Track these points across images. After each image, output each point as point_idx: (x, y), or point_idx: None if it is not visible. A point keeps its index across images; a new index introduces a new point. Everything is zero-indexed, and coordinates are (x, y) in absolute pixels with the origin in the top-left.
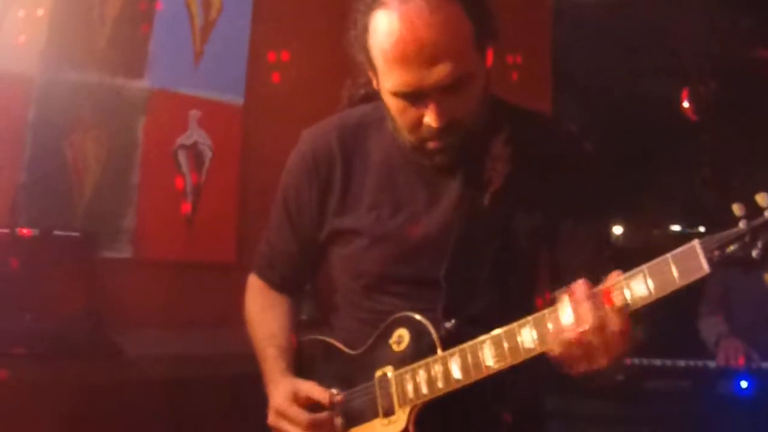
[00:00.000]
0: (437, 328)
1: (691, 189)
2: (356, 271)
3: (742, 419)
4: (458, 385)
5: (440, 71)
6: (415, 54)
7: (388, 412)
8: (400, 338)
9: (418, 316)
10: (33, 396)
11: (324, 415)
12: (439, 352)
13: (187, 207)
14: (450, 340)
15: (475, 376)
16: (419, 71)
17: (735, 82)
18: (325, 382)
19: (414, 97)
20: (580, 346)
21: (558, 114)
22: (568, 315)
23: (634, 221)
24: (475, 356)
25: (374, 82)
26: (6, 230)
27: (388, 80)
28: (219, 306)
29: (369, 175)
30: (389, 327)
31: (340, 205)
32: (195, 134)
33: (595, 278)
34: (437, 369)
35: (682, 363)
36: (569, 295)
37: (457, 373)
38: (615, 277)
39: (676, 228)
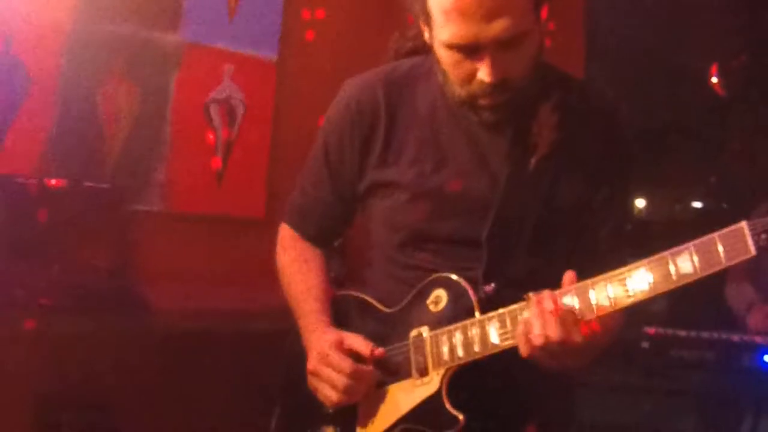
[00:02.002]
0: (476, 290)
1: (716, 165)
2: (394, 225)
3: (765, 392)
4: (495, 350)
5: (499, 26)
6: (476, 7)
7: (422, 373)
8: (438, 299)
9: (457, 278)
10: (58, 347)
11: (367, 367)
12: (477, 315)
13: (217, 162)
14: (488, 304)
15: (513, 342)
16: (478, 24)
17: (765, 57)
18: None
19: (469, 50)
20: (546, 350)
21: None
22: (535, 320)
23: (657, 195)
24: (514, 321)
25: (426, 35)
26: (35, 181)
27: (445, 32)
28: (247, 261)
29: (413, 129)
30: (427, 287)
31: (382, 157)
32: (228, 89)
33: (611, 251)
34: (474, 332)
35: (706, 334)
36: (535, 302)
37: (494, 337)
38: (570, 279)
39: (697, 204)
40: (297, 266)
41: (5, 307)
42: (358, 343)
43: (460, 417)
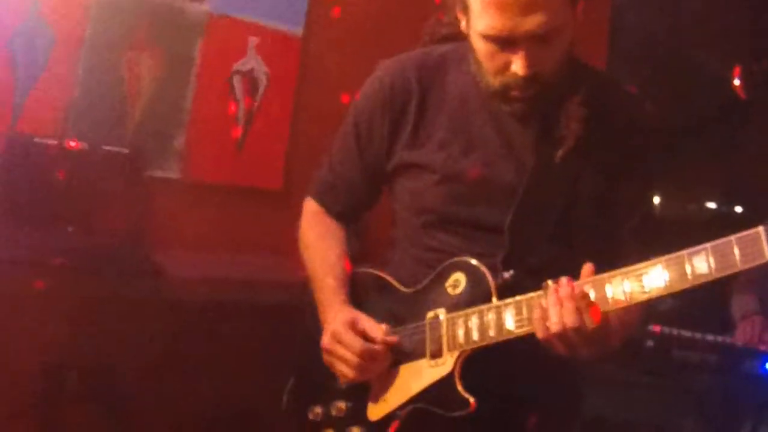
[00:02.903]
0: (495, 276)
1: (733, 168)
2: (420, 206)
3: (765, 399)
4: (509, 336)
5: (535, 20)
6: (513, 0)
7: (436, 354)
8: (457, 282)
9: (476, 263)
10: (68, 308)
11: (378, 347)
12: (495, 300)
13: (238, 132)
14: (506, 291)
15: (528, 330)
16: (514, 18)
17: None
18: (375, 316)
19: (504, 42)
20: (562, 337)
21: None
22: (551, 309)
23: (672, 192)
24: (531, 309)
25: (463, 24)
26: (55, 142)
27: (481, 22)
28: (262, 232)
29: (443, 113)
30: (446, 269)
31: (412, 139)
32: (252, 61)
33: (637, 247)
34: (490, 317)
35: (710, 337)
36: (553, 290)
37: (510, 323)
38: (589, 271)
39: (711, 205)
40: (319, 241)
41: (17, 266)
42: (371, 326)
43: (471, 400)
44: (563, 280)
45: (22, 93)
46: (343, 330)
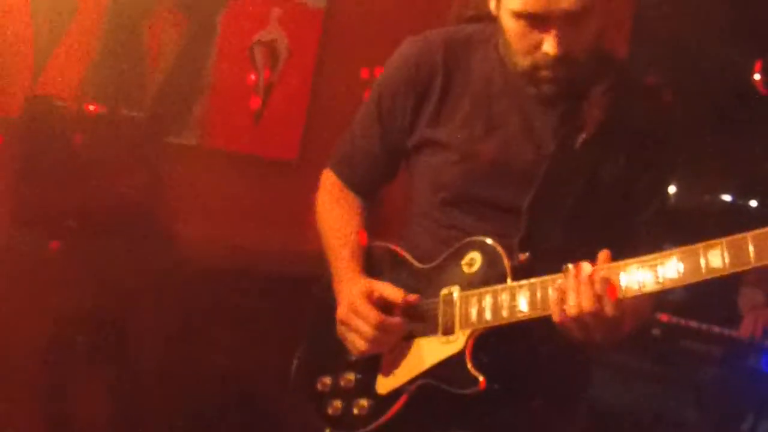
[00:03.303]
0: (511, 257)
1: (750, 161)
2: (438, 183)
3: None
4: (522, 318)
5: None
6: None
7: (448, 331)
8: (472, 261)
9: (493, 243)
10: (82, 269)
11: (394, 319)
12: (509, 281)
13: (256, 102)
14: (521, 272)
15: (541, 312)
16: None
17: None
18: None
19: (537, 21)
20: (578, 321)
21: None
22: (570, 291)
23: (688, 183)
24: (545, 292)
25: (492, 4)
26: (74, 105)
27: (515, 1)
28: (276, 202)
29: (467, 92)
30: (462, 248)
31: (434, 116)
32: (274, 32)
33: (650, 239)
34: (504, 298)
35: (717, 329)
36: (573, 275)
37: (523, 305)
38: (605, 258)
39: (727, 198)
40: (336, 213)
41: (32, 226)
42: (389, 290)
43: (481, 379)
44: (584, 263)
45: (44, 56)
46: (360, 301)
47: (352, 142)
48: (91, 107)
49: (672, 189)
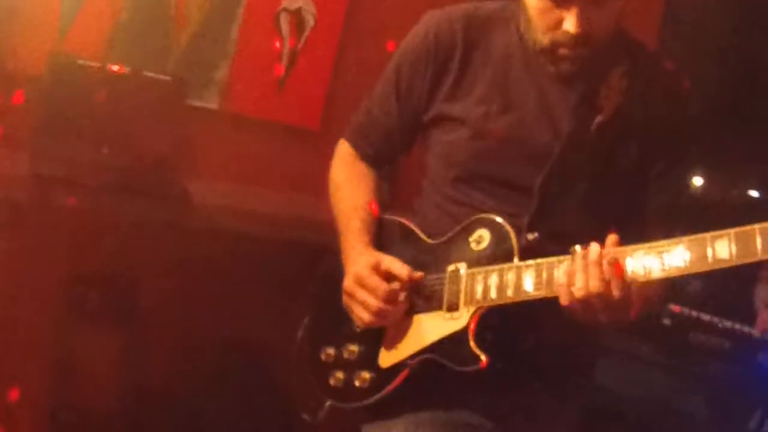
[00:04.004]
0: (519, 236)
1: None
2: (452, 159)
3: None
4: (527, 298)
5: None
6: None
7: (452, 308)
8: (480, 238)
9: (502, 221)
10: (95, 227)
11: (399, 293)
12: (516, 260)
13: (280, 70)
14: (529, 252)
15: (546, 293)
16: None
17: None
18: None
19: None
20: (585, 303)
21: (662, 51)
22: (578, 273)
23: (717, 177)
24: (550, 273)
25: None
26: (98, 64)
27: None
28: (295, 170)
29: (485, 70)
30: (471, 225)
31: (452, 92)
32: (301, 1)
33: (662, 227)
34: (510, 277)
35: (729, 324)
36: (582, 256)
37: (528, 285)
38: (613, 241)
39: (754, 193)
40: (348, 183)
41: (52, 181)
42: (396, 265)
43: (483, 357)
44: (593, 245)
45: (70, 15)
46: (367, 273)
47: (368, 113)
48: (115, 67)
49: (699, 181)
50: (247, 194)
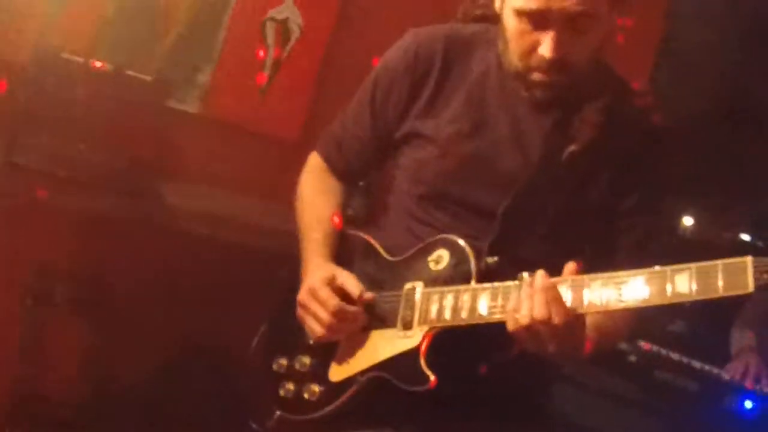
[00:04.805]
0: (479, 259)
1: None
2: (419, 177)
3: None
4: (480, 321)
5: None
6: None
7: (407, 326)
8: (440, 258)
9: (463, 243)
10: (67, 220)
11: (352, 308)
12: (473, 283)
13: (263, 78)
14: (487, 276)
15: (500, 318)
16: None
17: None
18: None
19: (538, 19)
20: (529, 331)
21: (654, 85)
22: (524, 301)
23: (708, 218)
24: (506, 298)
25: (498, 2)
26: (81, 59)
27: None
28: (271, 179)
29: (462, 90)
30: (432, 245)
31: (426, 109)
32: (288, 11)
33: (629, 261)
34: (465, 299)
35: (697, 364)
36: (528, 283)
37: (483, 308)
38: (571, 270)
39: (746, 237)
40: (315, 196)
41: (25, 171)
42: (350, 282)
43: (432, 377)
44: (539, 273)
45: (57, 7)
46: (320, 286)
47: (342, 127)
48: (98, 64)
49: (689, 221)
50: (221, 199)
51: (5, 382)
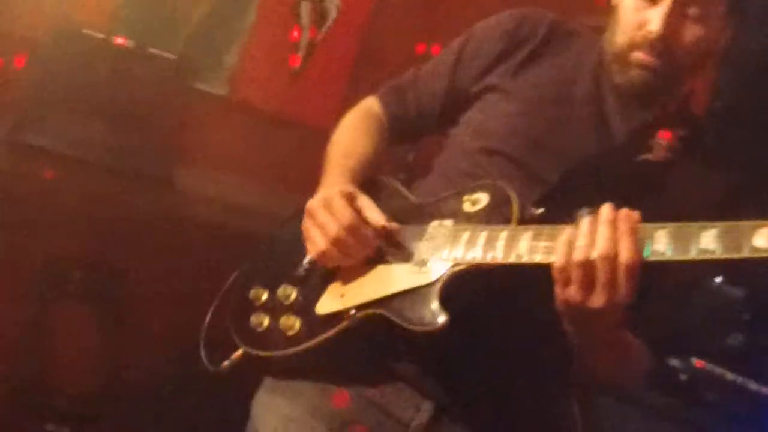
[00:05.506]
0: (523, 206)
1: None
2: (483, 130)
3: None
4: (516, 262)
5: None
6: None
7: (423, 262)
8: (477, 200)
9: (505, 186)
10: (79, 202)
11: (368, 231)
12: (514, 226)
13: (296, 61)
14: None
15: (541, 258)
16: None
17: None
18: None
19: None
20: (583, 269)
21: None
22: (583, 233)
23: None
24: (551, 239)
25: None
26: (101, 36)
27: None
28: (301, 168)
29: (552, 69)
30: (471, 187)
31: (512, 72)
32: None
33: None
34: (502, 236)
35: (754, 386)
36: (590, 222)
37: (523, 246)
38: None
39: None
40: (353, 130)
41: (35, 152)
42: (372, 211)
43: (444, 316)
44: (604, 205)
45: None
46: (337, 197)
47: (415, 74)
48: (120, 40)
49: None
50: (245, 188)
51: (17, 373)
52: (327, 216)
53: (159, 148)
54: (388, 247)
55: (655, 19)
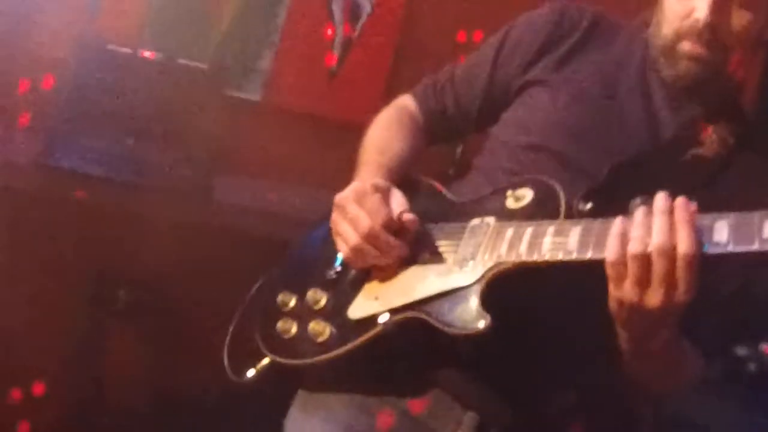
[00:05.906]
0: (570, 201)
1: None
2: (528, 126)
3: None
4: (565, 259)
5: None
6: None
7: (463, 264)
8: (521, 196)
9: (551, 181)
10: (112, 220)
11: (396, 240)
12: (561, 221)
13: (332, 59)
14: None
15: (594, 254)
16: None
17: None
18: None
19: None
20: (639, 262)
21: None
22: (637, 224)
23: None
24: (602, 234)
25: None
26: (129, 50)
27: None
28: (341, 170)
29: (596, 63)
30: (513, 183)
31: (555, 65)
32: None
33: None
34: (549, 231)
35: None
36: (644, 213)
37: (572, 242)
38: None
39: None
40: (388, 127)
41: (58, 172)
42: (401, 207)
43: (486, 320)
44: (658, 194)
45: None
46: (371, 191)
47: (452, 69)
48: (147, 54)
49: None
50: (288, 196)
51: (65, 388)
52: (358, 210)
53: (195, 159)
54: (426, 246)
55: (701, 7)
